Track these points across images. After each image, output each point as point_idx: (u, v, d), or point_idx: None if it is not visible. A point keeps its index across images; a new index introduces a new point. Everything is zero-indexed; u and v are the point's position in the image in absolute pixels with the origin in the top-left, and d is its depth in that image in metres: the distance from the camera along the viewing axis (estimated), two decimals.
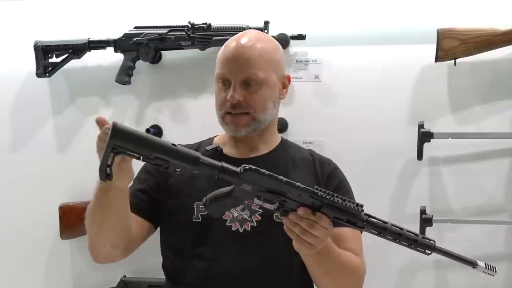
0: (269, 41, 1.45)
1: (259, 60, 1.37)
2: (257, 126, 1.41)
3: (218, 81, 1.41)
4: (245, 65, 1.36)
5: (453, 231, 1.83)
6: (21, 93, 2.09)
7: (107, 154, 1.09)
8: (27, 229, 2.07)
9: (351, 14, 1.89)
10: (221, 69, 1.40)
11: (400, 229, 1.17)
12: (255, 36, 1.43)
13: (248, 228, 1.35)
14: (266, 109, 1.40)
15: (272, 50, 1.42)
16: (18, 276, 2.10)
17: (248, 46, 1.38)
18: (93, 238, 1.34)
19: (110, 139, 1.09)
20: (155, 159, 1.10)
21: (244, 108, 1.38)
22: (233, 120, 1.39)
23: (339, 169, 1.49)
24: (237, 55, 1.37)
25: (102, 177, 1.10)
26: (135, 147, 1.09)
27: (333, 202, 1.15)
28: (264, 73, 1.38)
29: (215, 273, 1.33)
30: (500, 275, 1.82)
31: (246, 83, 1.37)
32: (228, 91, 1.37)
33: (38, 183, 2.07)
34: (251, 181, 1.14)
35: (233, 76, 1.37)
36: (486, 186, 1.84)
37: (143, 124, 2.00)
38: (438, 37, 1.74)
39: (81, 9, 2.04)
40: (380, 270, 1.86)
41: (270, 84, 1.40)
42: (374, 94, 1.89)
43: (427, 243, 1.18)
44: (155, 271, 1.53)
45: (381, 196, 1.88)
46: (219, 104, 1.41)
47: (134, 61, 1.94)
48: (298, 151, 1.52)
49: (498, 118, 1.82)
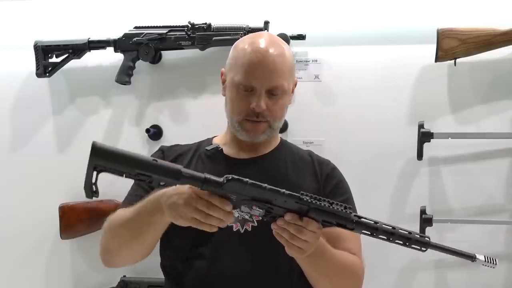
0: (286, 46, 1.43)
1: (284, 69, 1.36)
2: (271, 133, 1.42)
3: (238, 87, 1.37)
4: (272, 73, 1.34)
5: (453, 231, 1.83)
6: (21, 93, 2.09)
7: (90, 173, 1.11)
8: (27, 229, 2.07)
9: (351, 14, 1.89)
10: (244, 75, 1.35)
11: (392, 228, 1.17)
12: (272, 40, 1.40)
13: (249, 229, 1.34)
14: (282, 117, 1.43)
15: (290, 57, 1.41)
16: (18, 276, 2.10)
17: (276, 54, 1.35)
18: (114, 248, 1.33)
19: (90, 158, 1.11)
20: (138, 175, 1.10)
21: (266, 117, 1.37)
22: (253, 127, 1.39)
23: (338, 169, 1.49)
24: (262, 62, 1.34)
25: (88, 195, 1.12)
26: (115, 165, 1.11)
27: (319, 206, 1.15)
28: (287, 82, 1.38)
29: (215, 273, 1.33)
30: (500, 275, 1.82)
31: (271, 92, 1.36)
32: (250, 98, 1.35)
33: (38, 183, 2.07)
34: (235, 191, 1.14)
35: (258, 84, 1.34)
36: (486, 186, 1.84)
37: (143, 124, 2.00)
38: (438, 37, 1.74)
39: (81, 9, 2.04)
40: (379, 270, 1.86)
41: (289, 93, 1.41)
42: (374, 94, 1.89)
43: (422, 240, 1.19)
44: (155, 271, 1.53)
45: (381, 196, 1.88)
46: (239, 110, 1.38)
47: (134, 61, 1.94)
48: (297, 151, 1.52)
49: (498, 118, 1.82)
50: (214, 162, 1.43)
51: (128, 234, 1.28)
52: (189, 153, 1.48)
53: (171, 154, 1.47)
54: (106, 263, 1.40)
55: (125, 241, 1.30)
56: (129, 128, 2.02)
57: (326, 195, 1.38)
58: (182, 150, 1.49)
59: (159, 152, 1.51)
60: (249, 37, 1.44)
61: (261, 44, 1.37)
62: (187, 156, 1.47)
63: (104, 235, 1.36)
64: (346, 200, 1.42)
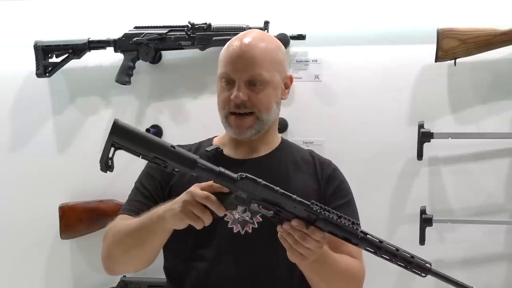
0: (272, 40, 1.45)
1: (264, 59, 1.37)
2: (261, 127, 1.40)
3: (221, 80, 1.39)
4: (250, 64, 1.35)
5: (453, 231, 1.83)
6: (21, 93, 2.09)
7: (107, 147, 1.11)
8: (27, 229, 2.07)
9: (351, 14, 1.89)
10: (224, 68, 1.38)
11: (395, 249, 1.17)
12: (259, 35, 1.42)
13: (249, 230, 1.34)
14: (270, 109, 1.40)
15: (275, 50, 1.41)
16: (18, 276, 2.10)
17: (253, 46, 1.37)
18: (117, 255, 1.33)
19: (109, 135, 1.10)
20: (154, 158, 1.11)
21: (248, 108, 1.37)
22: (238, 122, 1.38)
23: (339, 170, 1.49)
24: (241, 54, 1.36)
25: (102, 168, 1.12)
26: (134, 145, 1.11)
27: (328, 218, 1.15)
28: (269, 73, 1.37)
29: (216, 275, 1.33)
30: (500, 275, 1.82)
31: (251, 83, 1.36)
32: (232, 91, 1.36)
33: (38, 183, 2.07)
34: (247, 189, 1.15)
35: (237, 76, 1.36)
36: (486, 186, 1.83)
37: (143, 124, 2.00)
38: (438, 37, 1.74)
39: (81, 9, 2.04)
40: (379, 271, 1.85)
41: (274, 85, 1.39)
42: (374, 94, 1.89)
43: (423, 265, 1.19)
44: (155, 271, 1.53)
45: (381, 196, 1.88)
46: (222, 103, 1.39)
47: (134, 61, 1.94)
48: (298, 151, 1.52)
49: (498, 118, 1.82)
50: (215, 164, 1.42)
51: (132, 241, 1.29)
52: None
53: None
54: (108, 270, 1.40)
55: (128, 249, 1.30)
56: None
57: (327, 197, 1.38)
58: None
59: None
60: (240, 34, 1.45)
61: (244, 39, 1.39)
62: None
63: (107, 242, 1.36)
64: (347, 203, 1.42)
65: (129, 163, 1.55)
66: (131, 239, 1.29)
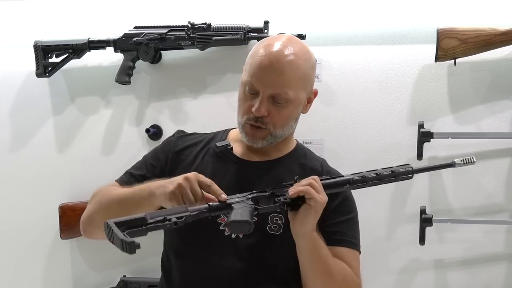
0: (308, 56, 1.37)
1: (293, 78, 1.32)
2: (273, 140, 1.39)
3: (245, 87, 1.35)
4: (277, 80, 1.30)
5: (453, 231, 1.83)
6: (21, 93, 2.09)
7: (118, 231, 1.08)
8: (27, 229, 2.07)
9: (351, 14, 1.89)
10: (250, 76, 1.33)
11: (377, 174, 1.34)
12: (296, 48, 1.34)
13: (240, 235, 1.33)
14: (286, 126, 1.38)
15: (306, 66, 1.35)
16: (18, 276, 2.10)
17: (286, 61, 1.30)
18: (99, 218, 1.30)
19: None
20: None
21: (265, 124, 1.34)
22: (252, 132, 1.36)
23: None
24: (270, 67, 1.30)
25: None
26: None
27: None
28: (295, 92, 1.33)
29: (201, 275, 1.33)
30: (500, 275, 1.82)
31: (275, 99, 1.32)
32: (254, 101, 1.33)
33: (38, 183, 2.07)
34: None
35: (262, 88, 1.31)
36: (486, 186, 1.83)
37: (143, 124, 2.00)
38: (438, 37, 1.74)
39: (81, 9, 2.04)
40: (379, 270, 1.86)
41: (298, 102, 1.36)
42: (374, 94, 1.89)
43: (405, 171, 1.34)
44: (155, 271, 1.54)
45: (381, 196, 1.88)
46: (243, 111, 1.37)
47: (134, 61, 1.94)
48: (310, 160, 1.49)
49: (498, 118, 1.82)
50: (222, 161, 1.42)
51: (118, 209, 1.28)
52: (199, 145, 1.46)
53: (179, 144, 1.47)
54: (85, 232, 1.41)
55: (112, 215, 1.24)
56: (129, 128, 2.02)
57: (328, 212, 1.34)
58: (193, 142, 1.48)
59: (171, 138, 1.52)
60: (269, 38, 1.40)
61: (275, 47, 1.32)
62: (196, 149, 1.45)
63: (92, 205, 1.36)
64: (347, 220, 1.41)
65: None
66: (118, 207, 1.29)
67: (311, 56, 1.40)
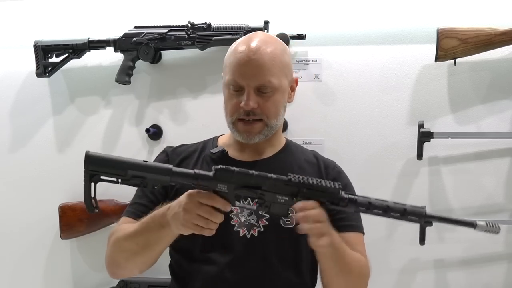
0: (278, 44, 1.42)
1: (273, 66, 1.35)
2: (269, 132, 1.40)
3: (229, 87, 1.38)
4: (259, 71, 1.34)
5: (453, 231, 1.83)
6: (21, 93, 2.09)
7: (88, 184, 1.16)
8: (27, 229, 2.07)
9: (351, 14, 1.89)
10: (232, 75, 1.36)
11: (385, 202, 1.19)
12: (265, 39, 1.39)
13: (255, 234, 1.34)
14: (278, 115, 1.40)
15: (282, 54, 1.39)
16: (18, 276, 2.10)
17: (261, 51, 1.35)
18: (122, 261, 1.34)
19: (85, 166, 1.15)
20: (132, 178, 1.16)
21: (258, 115, 1.36)
22: (247, 128, 1.38)
23: (344, 173, 1.49)
24: (249, 61, 1.34)
25: (89, 210, 1.19)
26: (108, 168, 1.16)
27: (309, 185, 1.17)
28: (278, 79, 1.36)
29: (223, 278, 1.33)
30: (500, 275, 1.82)
31: (260, 90, 1.35)
32: (241, 98, 1.35)
33: (38, 183, 2.07)
34: (224, 180, 1.16)
35: (246, 83, 1.34)
36: (486, 186, 1.83)
37: (143, 124, 2.00)
38: (438, 36, 1.74)
39: (81, 9, 2.04)
40: (379, 270, 1.86)
41: (282, 90, 1.39)
42: (374, 94, 1.89)
43: (418, 211, 1.19)
44: (155, 271, 1.53)
45: (381, 196, 1.86)
46: (231, 110, 1.38)
47: (134, 60, 1.94)
48: (302, 153, 1.51)
49: (498, 118, 1.82)
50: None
51: (137, 247, 1.29)
52: (194, 155, 1.47)
53: (175, 158, 1.46)
54: (113, 275, 1.41)
55: (133, 254, 1.30)
56: (129, 128, 2.02)
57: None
58: (187, 153, 1.48)
59: (163, 155, 1.50)
60: (242, 38, 1.43)
61: (250, 44, 1.37)
62: (192, 159, 1.46)
63: (111, 248, 1.36)
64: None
65: None
66: (136, 245, 1.29)
67: (284, 45, 1.45)
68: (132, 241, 1.29)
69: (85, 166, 1.16)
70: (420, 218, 1.19)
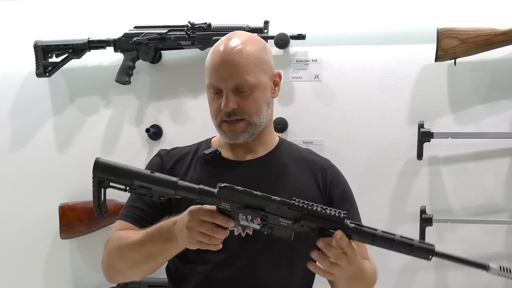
0: (255, 41, 1.42)
1: (247, 64, 1.35)
2: (254, 130, 1.40)
3: (209, 90, 1.40)
4: (233, 72, 1.34)
5: (453, 231, 1.83)
6: (21, 93, 2.09)
7: (96, 189, 1.19)
8: (27, 229, 2.07)
9: (351, 14, 1.89)
10: (210, 79, 1.38)
11: (392, 235, 1.15)
12: (240, 38, 1.39)
13: (250, 232, 1.34)
14: (260, 112, 1.39)
15: (258, 51, 1.39)
16: (18, 276, 2.10)
17: (234, 51, 1.35)
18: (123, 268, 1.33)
19: (93, 173, 1.18)
20: (139, 188, 1.17)
21: (239, 115, 1.36)
22: (230, 128, 1.38)
23: (340, 173, 1.48)
24: (223, 62, 1.35)
25: (98, 214, 1.21)
26: (115, 177, 1.18)
27: (313, 211, 1.14)
28: (254, 77, 1.35)
29: (218, 277, 1.33)
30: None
31: (238, 89, 1.35)
32: (221, 100, 1.36)
33: (38, 183, 2.07)
34: (227, 198, 1.15)
35: (223, 85, 1.35)
36: (486, 186, 1.83)
37: (143, 124, 2.00)
38: (438, 36, 1.74)
39: (81, 9, 2.04)
40: (380, 270, 1.85)
41: (262, 86, 1.38)
42: (374, 94, 1.89)
43: (426, 248, 1.14)
44: (155, 271, 1.53)
45: (381, 196, 1.88)
46: (214, 113, 1.40)
47: (134, 60, 1.94)
48: (297, 151, 1.51)
49: (498, 118, 1.82)
50: (213, 166, 1.42)
51: (141, 257, 1.28)
52: (188, 157, 1.47)
53: (169, 160, 1.46)
54: (111, 280, 1.40)
55: (136, 263, 1.30)
56: (129, 128, 2.02)
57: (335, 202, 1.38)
58: (180, 155, 1.48)
59: (158, 158, 1.49)
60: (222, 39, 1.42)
61: (223, 46, 1.37)
62: (185, 161, 1.46)
63: (111, 254, 1.35)
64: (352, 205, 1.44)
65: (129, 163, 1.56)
66: (140, 256, 1.28)
67: (260, 40, 1.44)
68: (136, 252, 1.29)
69: (93, 173, 1.18)
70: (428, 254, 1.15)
